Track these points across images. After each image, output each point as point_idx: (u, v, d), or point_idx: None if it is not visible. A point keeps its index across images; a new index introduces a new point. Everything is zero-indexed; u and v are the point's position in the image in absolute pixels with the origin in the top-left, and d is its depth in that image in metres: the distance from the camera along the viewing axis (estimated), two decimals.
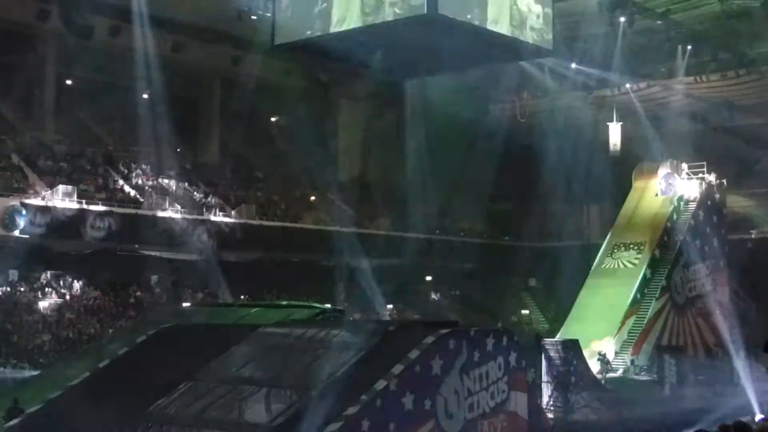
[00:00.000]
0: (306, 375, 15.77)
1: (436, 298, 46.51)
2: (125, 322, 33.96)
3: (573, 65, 42.33)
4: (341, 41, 24.88)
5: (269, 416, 14.69)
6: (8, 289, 33.65)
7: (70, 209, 34.16)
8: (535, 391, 22.28)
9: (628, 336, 35.87)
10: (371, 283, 38.48)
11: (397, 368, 15.32)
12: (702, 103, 46.17)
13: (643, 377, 33.53)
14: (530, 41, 24.89)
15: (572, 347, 28.17)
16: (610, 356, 34.02)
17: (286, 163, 45.86)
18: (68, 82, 39.97)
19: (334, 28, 24.08)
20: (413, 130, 48.25)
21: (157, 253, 36.96)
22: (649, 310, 36.61)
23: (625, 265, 38.63)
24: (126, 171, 39.70)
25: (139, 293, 36.91)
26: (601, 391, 28.31)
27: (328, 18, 24.01)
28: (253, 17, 35.30)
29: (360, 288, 38.76)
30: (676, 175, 40.64)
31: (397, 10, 22.65)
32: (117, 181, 38.72)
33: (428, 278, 46.26)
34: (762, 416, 22.96)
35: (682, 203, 40.19)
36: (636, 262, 38.41)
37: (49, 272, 35.16)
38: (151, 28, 36.75)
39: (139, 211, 36.69)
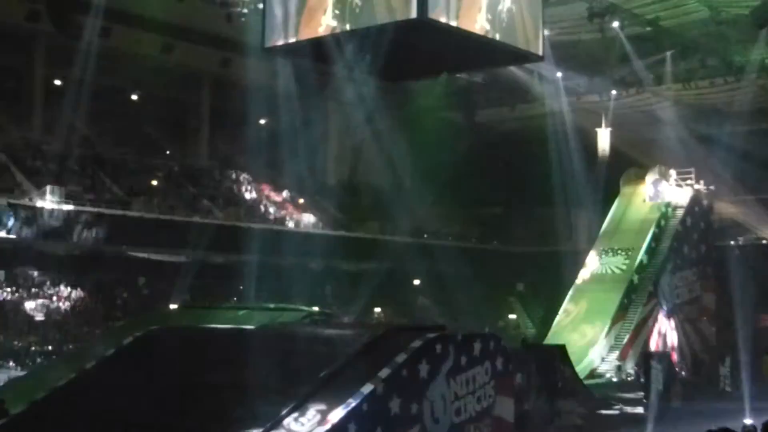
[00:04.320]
0: (292, 378, 15.74)
1: (424, 302, 46.51)
2: (112, 323, 33.89)
3: (562, 71, 42.47)
4: (331, 44, 24.89)
5: (255, 420, 14.64)
6: None
7: (57, 210, 34.05)
8: (521, 396, 22.27)
9: (615, 341, 35.94)
10: (359, 286, 38.50)
11: (384, 372, 15.31)
12: (690, 109, 46.35)
13: (630, 383, 33.57)
14: (520, 47, 24.91)
15: (559, 352, 28.19)
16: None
17: (275, 166, 45.82)
18: (57, 82, 39.94)
19: (324, 32, 24.07)
20: (403, 135, 48.28)
21: (145, 255, 36.91)
22: (636, 316, 36.67)
23: (612, 271, 38.68)
24: (115, 172, 39.64)
25: (126, 295, 36.82)
26: (587, 396, 28.32)
27: (318, 21, 24.00)
28: (243, 19, 35.33)
29: (348, 291, 38.77)
30: (664, 181, 40.70)
31: (388, 14, 22.65)
32: (105, 182, 38.64)
33: (416, 282, 46.28)
34: (750, 421, 23.00)
35: (669, 209, 40.25)
36: (624, 267, 38.47)
37: (36, 273, 35.06)
38: (141, 30, 36.80)
39: (128, 213, 36.62)
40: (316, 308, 27.86)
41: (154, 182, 40.76)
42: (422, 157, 46.46)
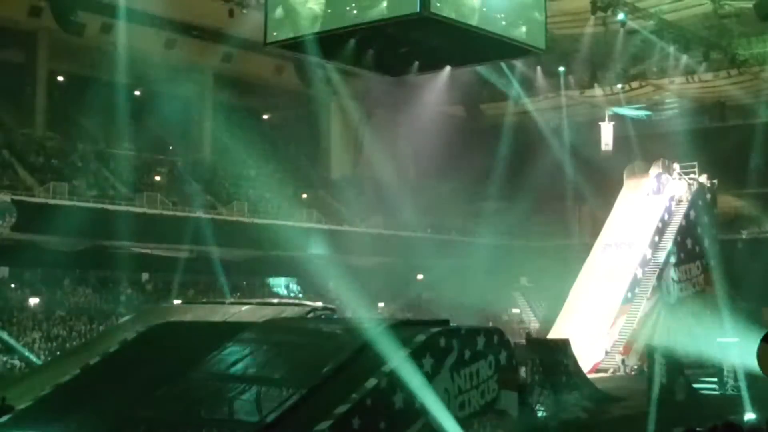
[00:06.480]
0: (297, 373, 15.75)
1: (428, 297, 46.49)
2: (116, 319, 33.87)
3: (565, 64, 42.42)
4: (333, 39, 24.84)
5: (260, 414, 14.66)
6: None
7: (60, 206, 34.01)
8: (525, 390, 22.28)
9: (619, 335, 35.92)
10: (363, 281, 38.48)
11: (388, 366, 15.31)
12: (694, 102, 46.29)
13: (634, 377, 33.57)
14: (523, 40, 24.86)
15: (563, 346, 28.18)
16: None
17: (278, 161, 45.81)
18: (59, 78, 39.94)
19: (327, 26, 24.04)
20: (405, 129, 48.26)
21: (149, 251, 36.88)
22: (640, 310, 36.62)
23: (616, 265, 38.61)
24: (117, 168, 39.61)
25: (129, 290, 36.81)
26: (591, 390, 28.31)
27: (320, 15, 23.97)
28: (245, 13, 35.28)
29: (351, 286, 38.71)
30: (667, 175, 40.63)
31: (390, 8, 22.61)
32: (108, 177, 38.61)
33: (420, 276, 46.25)
34: (752, 415, 23.01)
35: (673, 203, 40.19)
36: (627, 261, 38.40)
37: (39, 269, 35.04)
38: (143, 25, 36.74)
39: (131, 209, 36.57)
40: (319, 303, 27.87)
41: (157, 178, 40.77)
42: (426, 152, 46.46)
